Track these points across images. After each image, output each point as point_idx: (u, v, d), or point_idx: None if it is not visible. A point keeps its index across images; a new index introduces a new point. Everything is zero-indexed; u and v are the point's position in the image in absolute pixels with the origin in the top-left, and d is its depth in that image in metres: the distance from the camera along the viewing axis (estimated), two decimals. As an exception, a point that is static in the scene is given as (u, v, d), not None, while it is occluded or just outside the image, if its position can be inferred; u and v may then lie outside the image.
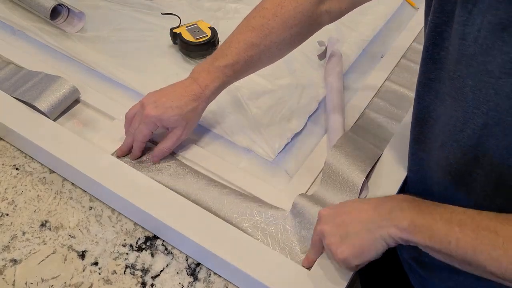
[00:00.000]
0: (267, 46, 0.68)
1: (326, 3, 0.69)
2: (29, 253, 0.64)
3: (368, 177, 0.71)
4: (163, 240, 0.66)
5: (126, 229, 0.67)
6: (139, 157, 0.72)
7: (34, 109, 0.75)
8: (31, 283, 0.61)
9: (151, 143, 0.74)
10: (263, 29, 0.67)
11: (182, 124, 0.69)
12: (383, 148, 0.76)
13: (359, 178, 0.67)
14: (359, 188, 0.66)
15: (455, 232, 0.48)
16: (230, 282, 0.63)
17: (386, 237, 0.51)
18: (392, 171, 0.72)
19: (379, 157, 0.74)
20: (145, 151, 0.72)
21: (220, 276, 0.63)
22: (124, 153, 0.72)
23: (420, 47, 0.96)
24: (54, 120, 0.76)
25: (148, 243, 0.66)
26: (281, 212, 0.67)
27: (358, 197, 0.67)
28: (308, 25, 0.69)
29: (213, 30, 0.89)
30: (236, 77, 0.71)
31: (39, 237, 0.65)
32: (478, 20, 0.47)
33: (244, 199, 0.68)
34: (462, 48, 0.49)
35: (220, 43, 0.90)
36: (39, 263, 0.63)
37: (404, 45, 0.95)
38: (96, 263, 0.63)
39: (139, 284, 0.62)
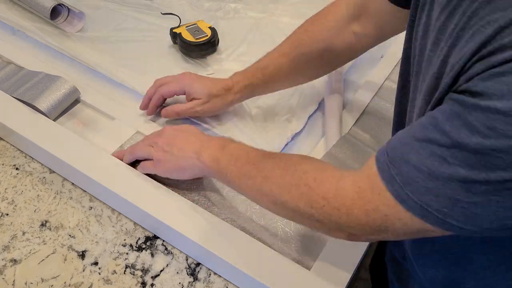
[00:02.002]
0: (296, 56, 0.73)
1: (352, 25, 0.70)
2: (29, 253, 0.64)
3: None
4: (163, 240, 0.66)
5: (126, 229, 0.67)
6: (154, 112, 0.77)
7: (34, 109, 0.75)
8: (31, 283, 0.61)
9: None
10: (294, 41, 0.74)
11: (205, 100, 0.74)
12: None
13: None
14: None
15: (231, 165, 0.59)
16: (230, 282, 0.63)
17: (192, 167, 0.64)
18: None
19: None
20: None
21: (220, 276, 0.63)
22: (145, 106, 0.77)
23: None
24: (54, 120, 0.76)
25: (148, 243, 0.66)
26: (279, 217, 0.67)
27: None
28: (336, 42, 0.71)
29: (213, 30, 0.89)
30: (265, 81, 0.74)
31: (39, 237, 0.65)
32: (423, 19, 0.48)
33: (244, 200, 0.68)
34: (421, 45, 0.50)
35: (220, 43, 0.90)
36: (39, 263, 0.63)
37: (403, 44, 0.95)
38: (96, 263, 0.63)
39: (139, 284, 0.62)
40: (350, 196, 0.47)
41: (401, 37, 1.00)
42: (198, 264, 0.64)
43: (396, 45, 0.95)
